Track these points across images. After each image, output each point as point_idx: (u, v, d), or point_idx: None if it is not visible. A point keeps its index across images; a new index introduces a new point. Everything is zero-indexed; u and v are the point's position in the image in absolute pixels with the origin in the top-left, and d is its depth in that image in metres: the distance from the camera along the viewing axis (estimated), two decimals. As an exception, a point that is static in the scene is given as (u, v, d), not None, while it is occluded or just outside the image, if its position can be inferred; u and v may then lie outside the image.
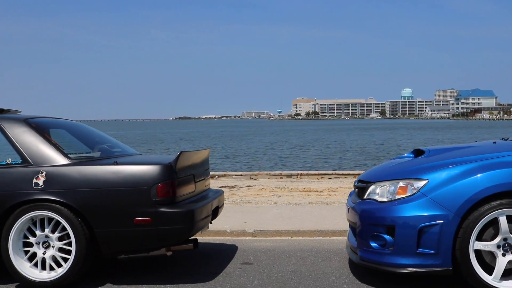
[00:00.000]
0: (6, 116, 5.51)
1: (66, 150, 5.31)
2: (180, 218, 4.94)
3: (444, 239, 4.57)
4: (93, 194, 4.95)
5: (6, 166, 5.16)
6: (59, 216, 4.96)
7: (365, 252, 4.96)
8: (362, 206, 5.06)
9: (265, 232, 7.35)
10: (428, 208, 4.63)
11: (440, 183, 4.68)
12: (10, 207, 5.01)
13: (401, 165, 5.35)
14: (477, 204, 4.56)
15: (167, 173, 4.99)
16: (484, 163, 4.70)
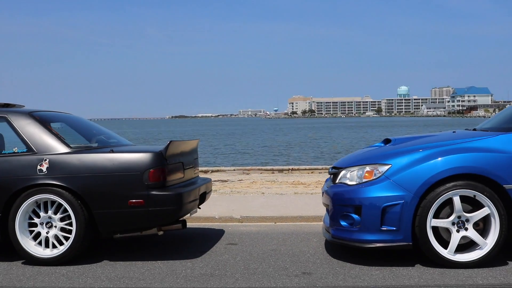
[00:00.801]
0: (12, 110, 6.08)
1: (67, 140, 5.87)
2: (169, 200, 5.50)
3: (404, 217, 5.14)
4: (92, 179, 5.50)
5: (13, 154, 5.72)
6: (61, 199, 5.52)
7: (336, 231, 5.53)
8: (334, 189, 5.63)
9: (251, 218, 7.91)
10: (391, 189, 5.19)
11: (402, 167, 5.25)
12: (16, 191, 5.56)
13: (370, 152, 5.94)
14: (433, 186, 5.13)
15: (158, 160, 5.55)
16: (441, 150, 5.27)
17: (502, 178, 5.08)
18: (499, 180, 5.08)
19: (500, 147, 5.22)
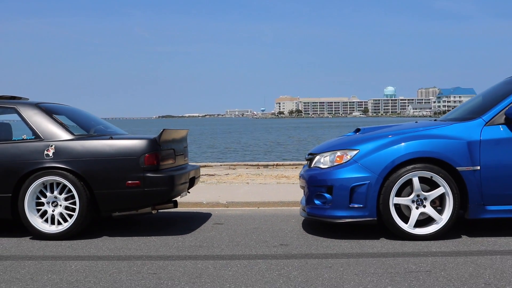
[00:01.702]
0: (20, 101, 6.74)
1: (70, 128, 6.54)
2: (162, 181, 6.19)
3: (370, 196, 5.85)
4: (93, 163, 6.18)
5: (22, 141, 6.39)
6: (65, 180, 6.18)
7: (311, 209, 6.24)
8: (309, 173, 6.34)
9: (236, 203, 8.60)
10: (358, 171, 5.91)
11: (368, 152, 5.96)
12: (25, 173, 6.22)
13: (341, 139, 6.66)
14: (395, 168, 5.85)
15: (152, 146, 6.24)
16: (402, 137, 5.99)
17: (455, 161, 5.81)
18: (453, 163, 5.80)
19: (454, 134, 5.95)
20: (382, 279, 4.39)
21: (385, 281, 4.35)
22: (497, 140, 5.87)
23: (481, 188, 5.83)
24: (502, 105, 6.02)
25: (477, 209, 5.88)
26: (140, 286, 4.32)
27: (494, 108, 6.06)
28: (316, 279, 4.45)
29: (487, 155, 5.84)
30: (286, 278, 4.48)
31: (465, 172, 5.81)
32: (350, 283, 4.31)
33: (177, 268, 4.89)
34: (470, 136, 5.90)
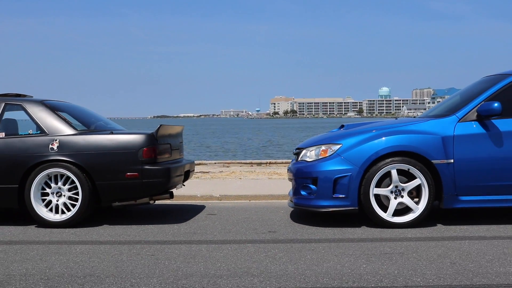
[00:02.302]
0: (26, 99, 7.19)
1: (73, 123, 6.99)
2: (159, 173, 6.65)
3: (352, 187, 6.32)
4: (95, 156, 6.63)
5: (29, 135, 6.84)
6: (69, 172, 6.63)
7: (298, 199, 6.71)
8: (296, 165, 6.81)
9: (228, 196, 9.06)
10: (341, 164, 6.38)
11: (350, 146, 6.44)
12: (31, 166, 6.67)
13: (326, 135, 7.14)
14: (375, 161, 6.33)
15: (150, 140, 6.70)
16: (382, 132, 6.47)
17: (430, 154, 6.28)
18: (428, 156, 6.28)
19: (429, 130, 6.43)
20: (358, 259, 4.87)
21: (361, 260, 4.82)
22: (469, 136, 6.35)
23: (455, 180, 6.31)
24: (475, 103, 6.50)
25: (451, 199, 6.36)
26: (140, 266, 4.78)
27: (467, 106, 6.54)
28: (299, 259, 4.92)
29: (460, 149, 6.31)
30: (272, 259, 4.95)
31: (440, 165, 6.29)
32: (329, 262, 4.78)
33: (173, 250, 5.36)
34: (444, 132, 6.38)
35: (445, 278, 4.23)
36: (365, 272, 4.44)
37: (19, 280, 4.40)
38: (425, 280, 4.18)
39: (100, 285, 4.21)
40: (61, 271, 4.65)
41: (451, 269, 4.51)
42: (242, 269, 4.62)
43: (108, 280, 4.34)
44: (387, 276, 4.31)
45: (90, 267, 4.77)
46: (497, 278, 4.21)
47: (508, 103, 6.47)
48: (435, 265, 4.62)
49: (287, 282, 4.19)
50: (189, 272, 4.53)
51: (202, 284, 4.18)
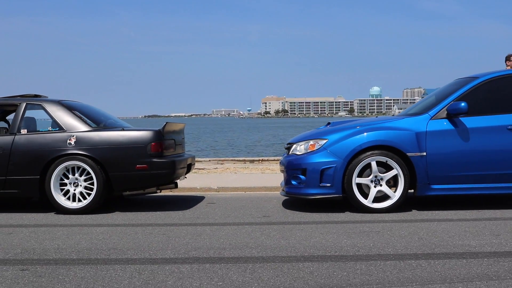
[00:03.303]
0: (45, 99, 8.01)
1: (88, 121, 7.81)
2: (166, 165, 7.48)
3: (336, 177, 7.17)
4: (108, 150, 7.45)
5: (49, 132, 7.65)
6: (85, 164, 7.45)
7: (289, 188, 7.56)
8: (287, 158, 7.65)
9: (225, 188, 9.90)
10: (327, 157, 7.22)
11: (335, 141, 7.28)
12: (51, 159, 7.48)
13: (314, 131, 8.00)
14: (357, 154, 7.17)
15: (157, 136, 7.53)
16: (363, 128, 7.32)
17: (406, 148, 7.14)
18: (404, 149, 7.14)
19: (405, 126, 7.29)
20: (340, 236, 5.72)
21: (342, 237, 5.67)
22: (440, 132, 7.21)
23: (427, 171, 7.16)
24: (445, 103, 7.36)
25: (424, 187, 7.22)
26: (155, 241, 5.61)
27: (438, 105, 7.41)
28: (290, 236, 5.77)
29: (431, 144, 7.17)
30: (267, 236, 5.79)
31: (414, 157, 7.15)
32: (316, 238, 5.63)
33: (181, 230, 6.19)
34: (418, 128, 7.24)
35: (412, 249, 5.09)
36: (346, 245, 5.29)
37: (54, 252, 5.22)
38: (395, 250, 5.04)
39: (123, 255, 5.04)
40: (87, 246, 5.48)
41: (418, 242, 5.37)
42: (242, 243, 5.46)
43: (129, 252, 5.17)
44: (364, 248, 5.16)
45: (112, 243, 5.60)
46: (454, 248, 5.07)
47: (475, 102, 7.33)
48: (405, 240, 5.48)
49: (279, 252, 5.04)
50: (197, 246, 5.37)
51: (209, 254, 5.02)
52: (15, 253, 5.21)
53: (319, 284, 4.04)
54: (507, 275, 4.18)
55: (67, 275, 4.41)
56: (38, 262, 4.88)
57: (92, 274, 4.41)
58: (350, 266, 4.52)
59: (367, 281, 4.08)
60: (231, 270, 4.48)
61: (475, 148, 7.19)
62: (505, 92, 7.48)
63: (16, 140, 7.59)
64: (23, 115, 7.85)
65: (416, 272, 4.30)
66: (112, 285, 4.10)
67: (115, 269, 4.57)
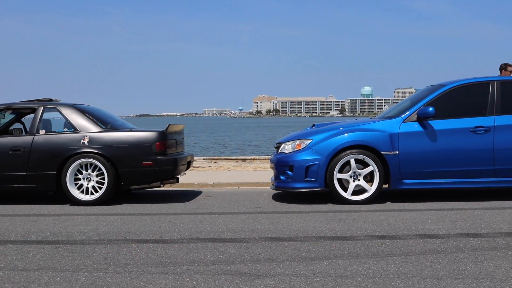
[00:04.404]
0: (60, 103, 8.96)
1: (99, 123, 8.76)
2: (169, 162, 8.44)
3: (320, 172, 8.15)
4: (118, 148, 8.40)
5: (64, 132, 8.61)
6: (97, 161, 8.39)
7: (278, 183, 8.54)
8: (277, 156, 8.63)
9: (221, 184, 10.86)
10: (312, 155, 8.20)
11: (319, 141, 8.26)
12: (67, 156, 8.42)
13: (300, 132, 9.00)
14: (338, 152, 8.15)
15: (161, 136, 8.49)
16: (343, 130, 8.30)
17: (381, 147, 8.12)
18: (379, 148, 8.12)
19: (380, 128, 8.28)
20: (321, 222, 6.70)
21: (322, 223, 6.66)
22: (410, 133, 8.21)
23: (399, 167, 8.16)
24: (416, 108, 8.35)
25: (397, 182, 8.21)
26: (163, 226, 6.58)
27: (410, 109, 8.40)
28: (278, 222, 6.75)
29: (403, 144, 8.17)
30: (259, 222, 6.77)
31: (388, 156, 8.13)
32: (300, 224, 6.61)
33: (184, 218, 7.16)
34: (392, 130, 8.23)
35: (380, 232, 6.08)
36: (325, 229, 6.28)
37: (78, 235, 6.19)
38: (365, 233, 6.03)
39: (137, 237, 6.00)
40: (106, 230, 6.44)
41: (386, 227, 6.36)
42: (237, 227, 6.44)
43: (143, 234, 6.14)
44: (339, 231, 6.15)
45: (126, 227, 6.57)
46: (415, 231, 6.07)
47: (442, 107, 8.32)
48: (376, 225, 6.47)
49: (269, 234, 6.02)
50: (199, 230, 6.35)
51: (210, 236, 6.00)
52: (46, 236, 6.17)
53: (301, 256, 5.02)
54: (453, 250, 5.18)
55: (94, 251, 5.38)
56: (67, 242, 5.84)
57: (115, 251, 5.38)
58: (326, 244, 5.50)
59: (340, 255, 5.07)
60: (229, 247, 5.46)
61: (442, 148, 8.18)
62: (468, 98, 8.51)
63: (35, 140, 8.53)
64: (41, 118, 8.79)
65: (380, 248, 5.29)
66: (133, 257, 5.07)
67: (132, 247, 5.54)
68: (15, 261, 5.04)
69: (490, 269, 4.51)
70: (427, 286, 4.08)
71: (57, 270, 4.69)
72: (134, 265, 4.83)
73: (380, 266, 4.65)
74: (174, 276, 4.44)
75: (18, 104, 9.29)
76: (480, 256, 4.93)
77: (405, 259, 4.89)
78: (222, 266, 4.73)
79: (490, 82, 8.47)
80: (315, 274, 4.46)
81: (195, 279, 4.35)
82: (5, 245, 5.74)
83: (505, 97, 8.36)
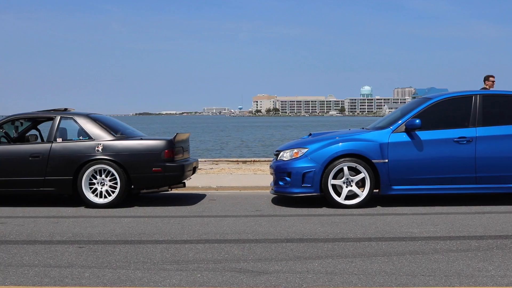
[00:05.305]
0: (75, 113, 9.70)
1: (112, 131, 9.48)
2: (177, 169, 9.17)
3: (315, 178, 8.87)
4: (129, 155, 9.12)
5: (79, 140, 9.34)
6: (110, 167, 9.11)
7: (277, 188, 9.27)
8: (276, 163, 9.36)
9: (223, 187, 11.59)
10: (308, 162, 8.93)
11: (314, 150, 8.99)
12: (83, 162, 9.14)
13: (298, 141, 9.74)
14: (332, 160, 8.87)
15: (169, 144, 9.21)
16: (337, 139, 9.03)
17: (371, 156, 8.85)
18: (370, 157, 8.84)
19: (371, 138, 9.00)
20: (316, 225, 7.43)
21: (317, 225, 7.39)
22: (399, 143, 8.93)
23: (389, 174, 8.88)
24: (404, 119, 9.08)
25: (386, 188, 8.94)
26: (173, 228, 7.31)
27: (398, 121, 9.13)
28: (277, 225, 7.48)
29: (392, 152, 8.89)
30: (259, 225, 7.50)
31: (378, 164, 8.86)
32: (297, 226, 7.34)
33: (192, 221, 7.89)
34: (382, 140, 8.96)
35: (367, 234, 6.81)
36: (319, 231, 7.01)
37: (98, 236, 6.92)
38: (355, 235, 6.76)
39: (151, 238, 6.73)
40: (122, 231, 7.17)
41: (374, 230, 7.09)
42: (240, 229, 7.17)
43: (155, 235, 6.87)
44: (332, 233, 6.88)
45: (140, 229, 7.30)
46: (400, 234, 6.80)
47: (428, 119, 9.03)
48: (364, 228, 7.20)
49: (269, 236, 6.75)
50: (206, 231, 7.08)
51: (216, 237, 6.73)
52: (68, 236, 6.90)
53: (296, 256, 5.76)
54: (430, 251, 5.91)
55: (114, 250, 6.11)
56: (89, 242, 6.57)
57: (133, 250, 6.11)
58: (320, 245, 6.24)
59: (331, 255, 5.80)
60: (233, 247, 6.19)
61: (428, 156, 8.91)
62: (452, 111, 9.25)
63: (53, 147, 9.26)
64: (58, 126, 9.52)
65: (366, 249, 6.03)
66: (149, 256, 5.80)
67: (148, 246, 6.27)
68: (47, 259, 5.77)
69: (459, 268, 5.24)
70: (403, 282, 4.81)
71: (85, 267, 5.41)
72: (151, 263, 5.56)
73: (365, 265, 5.38)
74: (187, 273, 5.17)
75: (36, 113, 10.03)
76: (452, 257, 5.66)
77: (387, 259, 5.61)
78: (228, 264, 5.46)
79: (472, 96, 9.20)
80: (308, 271, 5.19)
81: (205, 275, 5.08)
82: (34, 244, 6.47)
83: (486, 110, 9.09)
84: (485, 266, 5.30)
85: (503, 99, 9.43)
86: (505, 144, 8.92)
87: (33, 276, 5.12)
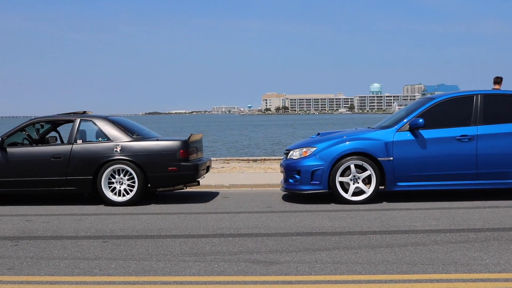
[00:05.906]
0: (94, 115, 10.18)
1: (129, 133, 9.95)
2: (191, 168, 9.63)
3: (324, 176, 9.31)
4: (146, 155, 9.59)
5: (99, 142, 9.82)
6: (128, 167, 9.58)
7: (287, 185, 9.71)
8: (286, 162, 9.81)
9: (236, 185, 12.04)
10: (316, 161, 9.36)
11: (323, 149, 9.42)
12: (102, 163, 9.62)
13: (307, 140, 10.18)
14: (339, 158, 9.30)
15: (184, 144, 9.67)
16: (344, 138, 9.46)
17: (377, 154, 9.27)
18: (375, 155, 9.27)
19: (377, 137, 9.43)
20: (324, 220, 7.87)
21: (325, 220, 7.83)
22: (403, 141, 9.35)
23: (394, 171, 9.30)
24: (408, 119, 9.50)
25: (391, 184, 9.36)
26: (190, 224, 7.76)
27: (403, 120, 9.55)
28: (287, 220, 7.92)
29: (397, 151, 9.31)
30: (271, 220, 7.95)
31: (383, 161, 9.28)
32: (306, 221, 7.79)
33: (207, 217, 8.35)
34: (387, 138, 9.38)
35: (373, 228, 7.24)
36: (327, 226, 7.45)
37: (120, 231, 7.39)
38: (361, 229, 7.19)
39: (169, 233, 7.19)
40: (142, 227, 7.64)
41: (379, 224, 7.52)
42: (253, 225, 7.62)
43: (174, 231, 7.33)
44: (339, 227, 7.32)
45: (158, 225, 7.76)
46: (403, 228, 7.23)
47: (431, 118, 9.45)
48: (370, 222, 7.63)
49: (280, 230, 7.20)
50: (221, 227, 7.54)
51: (230, 231, 7.19)
52: (92, 232, 7.37)
53: (305, 248, 6.20)
54: (431, 243, 6.34)
55: (136, 244, 6.57)
56: (111, 237, 7.04)
57: (153, 244, 6.57)
58: (327, 238, 6.68)
59: (337, 247, 6.24)
60: (247, 240, 6.65)
61: (431, 154, 9.32)
62: (454, 110, 9.65)
63: (73, 148, 9.74)
64: (78, 128, 10.00)
65: (371, 242, 6.46)
66: (169, 249, 6.26)
67: (167, 240, 6.74)
68: (74, 252, 6.25)
69: (456, 257, 5.66)
70: (403, 270, 5.25)
71: (111, 259, 5.88)
72: (172, 255, 6.02)
73: (369, 255, 5.82)
74: (205, 264, 5.62)
75: (56, 116, 10.53)
76: (451, 248, 6.09)
77: (390, 250, 6.05)
78: (242, 256, 5.91)
79: (474, 95, 9.60)
80: (316, 261, 5.63)
81: (221, 266, 5.54)
82: (61, 239, 6.95)
83: (487, 109, 9.49)
84: (481, 256, 5.72)
85: (503, 98, 9.84)
86: (505, 141, 9.33)
87: (64, 268, 5.59)
